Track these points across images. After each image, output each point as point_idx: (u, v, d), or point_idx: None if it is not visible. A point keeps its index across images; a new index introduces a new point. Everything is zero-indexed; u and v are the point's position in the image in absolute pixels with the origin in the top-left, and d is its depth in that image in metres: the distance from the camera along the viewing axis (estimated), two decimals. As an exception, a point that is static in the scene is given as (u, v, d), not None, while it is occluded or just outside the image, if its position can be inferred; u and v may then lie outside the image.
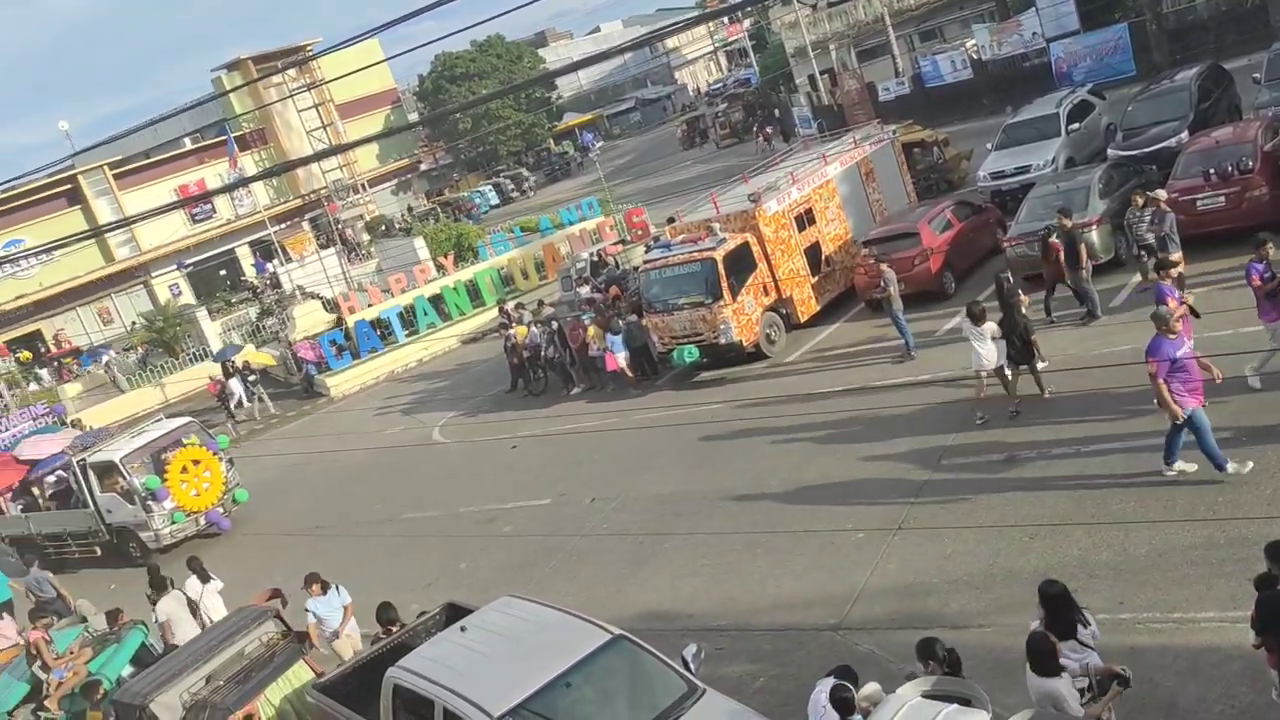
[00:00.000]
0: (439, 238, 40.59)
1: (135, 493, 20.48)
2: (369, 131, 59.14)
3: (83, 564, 22.03)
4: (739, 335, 19.72)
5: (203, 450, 21.06)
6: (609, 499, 16.40)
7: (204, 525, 21.03)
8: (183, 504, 20.62)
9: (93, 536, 21.51)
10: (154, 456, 20.97)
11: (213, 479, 21.00)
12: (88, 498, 21.14)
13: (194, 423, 22.28)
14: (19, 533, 22.67)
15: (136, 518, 20.69)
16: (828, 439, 15.46)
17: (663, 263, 20.49)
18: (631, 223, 34.36)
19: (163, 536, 20.58)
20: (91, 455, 21.19)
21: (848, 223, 22.10)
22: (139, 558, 20.58)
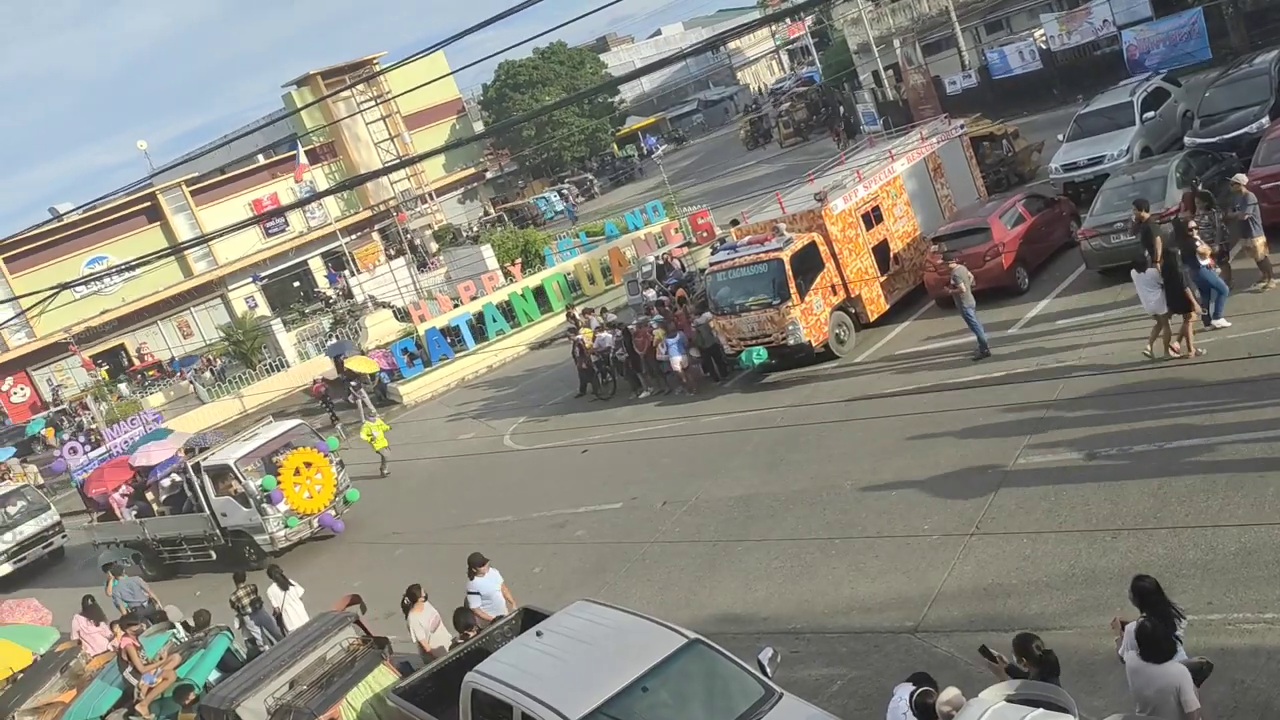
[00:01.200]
0: (506, 245, 40.96)
1: (250, 495, 20.38)
2: (435, 141, 60.10)
3: (197, 569, 22.29)
4: (808, 336, 19.60)
5: (314, 452, 20.92)
6: (680, 502, 16.39)
7: (317, 528, 20.95)
8: (296, 506, 20.51)
9: (208, 540, 21.49)
10: (265, 460, 20.92)
11: (324, 481, 20.85)
12: (203, 501, 21.07)
13: (304, 425, 22.19)
14: (134, 538, 22.80)
15: (251, 521, 20.57)
16: (901, 440, 15.27)
17: (729, 264, 20.44)
18: (697, 225, 34.34)
19: (277, 540, 20.48)
20: (206, 459, 21.14)
21: (916, 219, 21.85)
22: (254, 562, 20.58)
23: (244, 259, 53.79)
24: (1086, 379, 14.69)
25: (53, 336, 46.28)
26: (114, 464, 24.29)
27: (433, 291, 42.12)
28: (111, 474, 23.91)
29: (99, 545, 23.83)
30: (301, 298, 55.30)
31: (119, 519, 23.28)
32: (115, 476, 23.80)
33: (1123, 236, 17.63)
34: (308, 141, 55.51)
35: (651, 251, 32.15)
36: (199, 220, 53.52)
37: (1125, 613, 7.55)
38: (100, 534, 23.90)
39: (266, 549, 20.56)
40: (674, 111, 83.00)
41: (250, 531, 20.71)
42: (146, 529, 22.54)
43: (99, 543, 23.87)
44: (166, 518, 22.42)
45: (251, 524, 20.60)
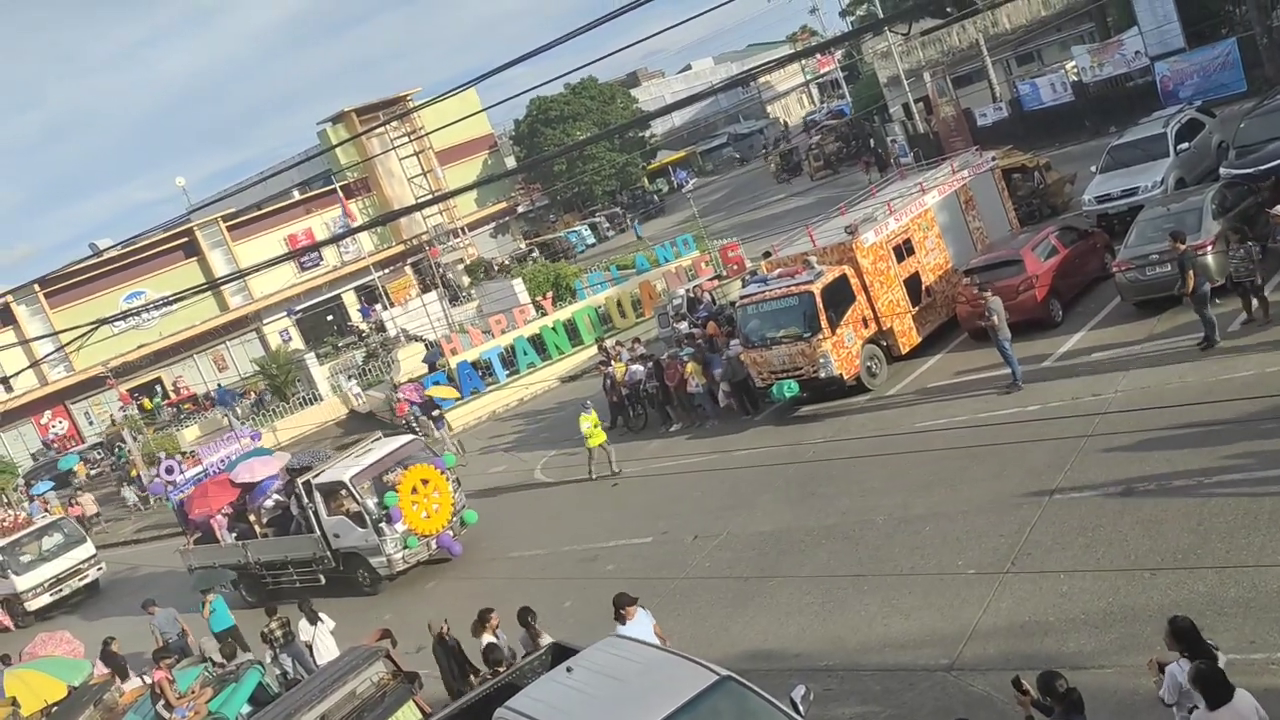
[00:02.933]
0: (537, 278, 41.21)
1: (368, 514, 18.99)
2: (468, 176, 60.72)
3: (302, 595, 20.53)
4: (839, 369, 19.53)
5: (431, 469, 19.48)
6: (711, 537, 16.33)
7: (435, 550, 19.55)
8: (414, 526, 19.08)
9: (318, 564, 20.11)
10: (376, 478, 19.62)
11: (442, 500, 19.43)
12: (313, 521, 19.73)
13: (418, 440, 20.93)
14: (235, 561, 21.52)
15: (367, 542, 19.15)
16: (934, 474, 15.16)
17: (760, 297, 20.44)
18: (727, 258, 34.39)
19: (395, 562, 19.09)
20: (317, 475, 19.68)
21: (948, 252, 21.77)
22: (366, 587, 19.59)
23: (279, 293, 54.48)
24: (1123, 413, 14.52)
25: (91, 370, 46.98)
26: (216, 482, 22.58)
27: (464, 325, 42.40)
28: (216, 493, 22.20)
29: (195, 570, 22.33)
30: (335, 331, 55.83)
31: (219, 541, 21.96)
32: (221, 496, 22.15)
33: (1158, 269, 17.49)
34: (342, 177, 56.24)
35: (682, 284, 32.22)
36: (235, 255, 54.28)
37: (1163, 653, 7.42)
38: (197, 557, 22.53)
39: (383, 572, 19.28)
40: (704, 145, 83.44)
41: (365, 554, 19.34)
42: (249, 552, 21.27)
43: (195, 567, 22.43)
44: (271, 540, 21.11)
45: (367, 545, 19.20)
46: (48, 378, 49.89)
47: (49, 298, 50.14)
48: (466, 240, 60.89)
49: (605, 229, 64.89)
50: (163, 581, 25.93)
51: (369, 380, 39.19)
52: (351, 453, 20.50)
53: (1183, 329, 16.57)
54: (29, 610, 27.36)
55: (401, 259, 59.88)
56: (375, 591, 18.71)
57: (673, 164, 78.97)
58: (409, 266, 60.07)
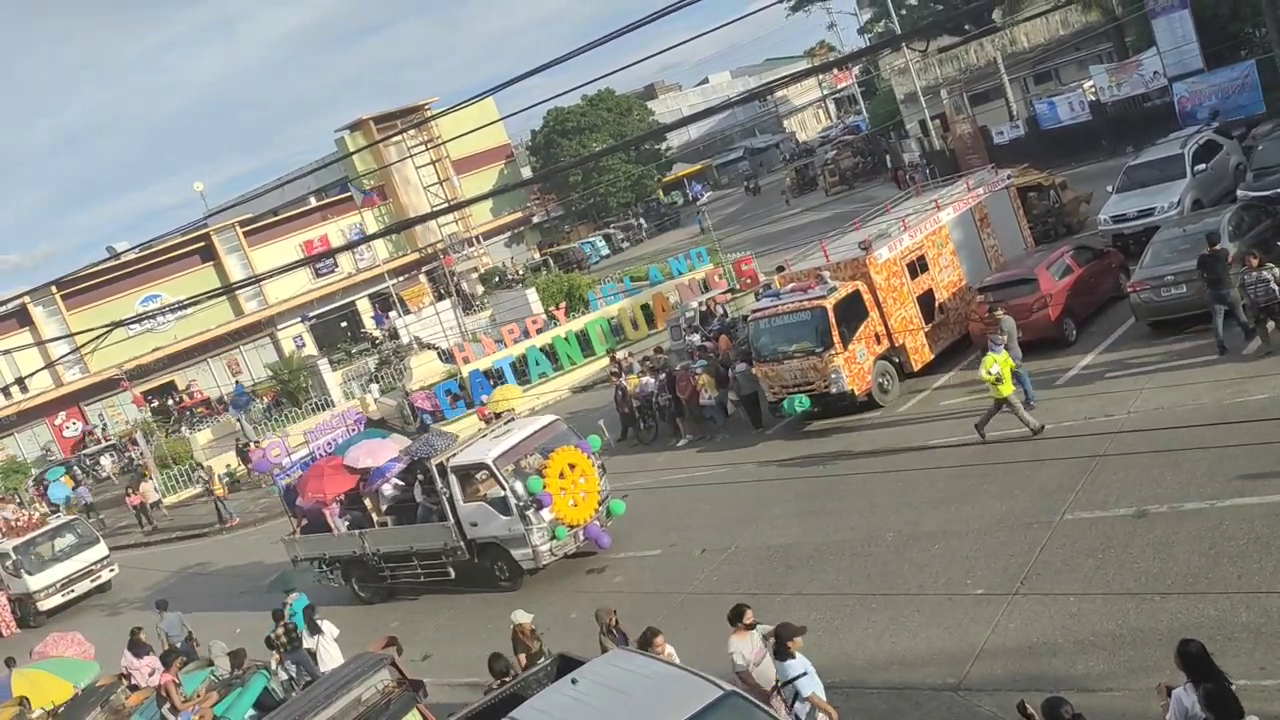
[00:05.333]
0: (550, 289, 41.28)
1: (514, 500, 17.24)
2: (483, 186, 60.96)
3: (427, 589, 19.25)
4: (851, 384, 19.50)
5: (577, 453, 17.89)
6: (719, 550, 16.30)
7: (582, 541, 17.88)
8: (562, 515, 17.40)
9: (448, 555, 18.36)
10: (518, 462, 18.10)
11: (589, 487, 17.82)
12: (446, 508, 18.06)
13: (559, 420, 19.24)
14: (348, 552, 19.83)
15: (510, 531, 17.42)
16: (944, 492, 15.11)
17: (772, 311, 20.44)
18: (740, 271, 34.36)
19: (541, 554, 17.35)
20: (453, 457, 18.12)
21: (962, 269, 21.74)
22: (504, 581, 17.97)
23: (293, 299, 54.71)
24: (1136, 434, 14.44)
25: (106, 372, 47.22)
26: (331, 464, 20.58)
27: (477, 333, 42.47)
28: (332, 476, 20.14)
29: (301, 562, 20.93)
30: (348, 338, 56.01)
31: (332, 530, 20.03)
32: (336, 480, 20.10)
33: (1173, 290, 17.41)
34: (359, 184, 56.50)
35: (695, 297, 32.22)
36: (251, 260, 54.56)
37: (1172, 677, 7.35)
38: (306, 548, 20.79)
39: (526, 565, 17.55)
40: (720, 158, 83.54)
41: (507, 544, 17.60)
42: (367, 541, 19.53)
43: (303, 558, 20.89)
44: (395, 529, 19.48)
45: (510, 535, 17.46)
46: (63, 379, 50.17)
47: (66, 299, 50.45)
48: (481, 249, 61.06)
49: (619, 240, 65.01)
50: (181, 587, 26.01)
51: (383, 388, 39.29)
52: (489, 433, 18.89)
53: (1197, 350, 16.47)
54: (41, 610, 27.44)
55: (416, 267, 60.07)
56: (514, 587, 17.45)
57: (688, 177, 79.09)
58: (423, 274, 60.25)
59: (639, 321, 34.81)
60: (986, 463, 15.35)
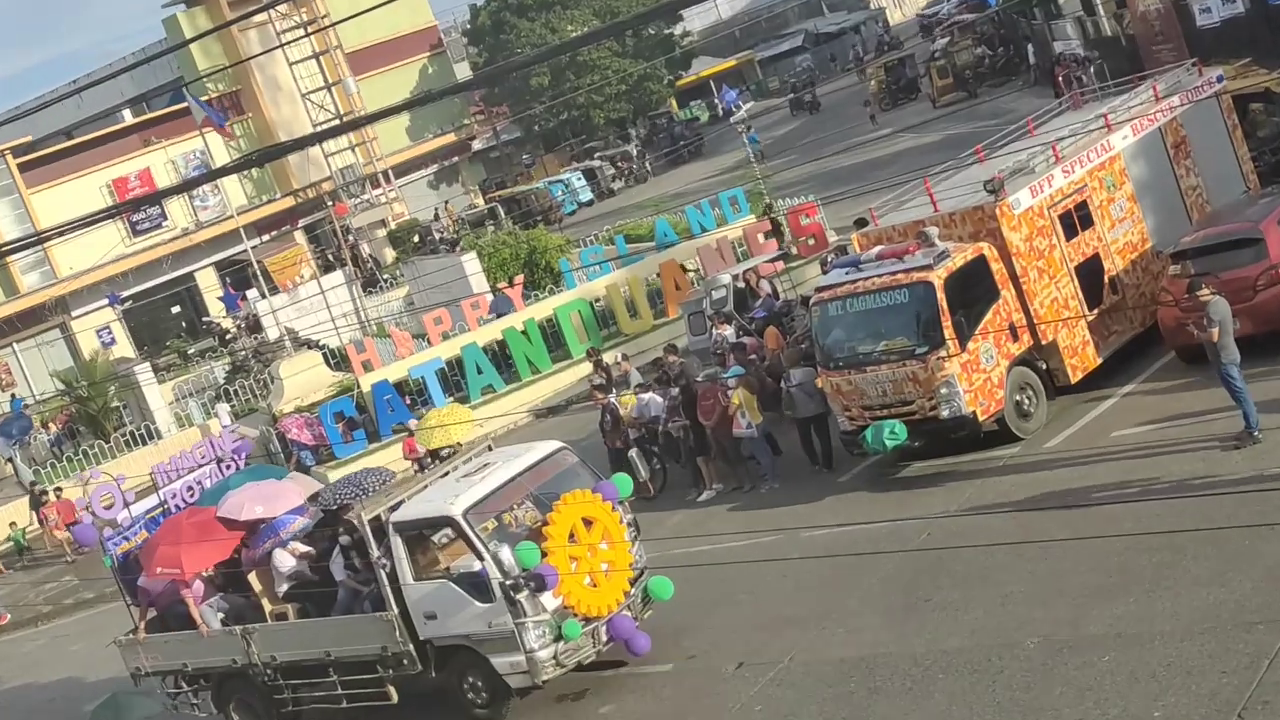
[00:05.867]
0: (501, 254, 41.27)
1: (495, 577, 16.69)
2: (396, 92, 61.08)
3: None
4: (971, 405, 19.53)
5: (594, 499, 17.49)
6: (764, 665, 16.29)
7: (605, 645, 17.40)
8: (575, 601, 16.84)
9: (389, 665, 17.91)
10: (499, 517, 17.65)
11: (616, 554, 17.33)
12: (385, 589, 17.61)
13: (566, 449, 19.04)
14: (224, 662, 19.47)
15: (492, 627, 16.88)
16: (1118, 574, 15.12)
17: (848, 290, 20.46)
18: (799, 227, 34.35)
19: (540, 664, 16.73)
20: (397, 509, 17.68)
21: (1145, 224, 21.83)
22: (480, 707, 17.60)
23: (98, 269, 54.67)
24: None
25: None
26: (195, 519, 20.12)
27: (385, 325, 42.35)
28: (197, 540, 19.55)
29: (143, 676, 20.49)
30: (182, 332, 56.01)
31: (195, 625, 19.59)
32: (203, 544, 19.54)
33: None
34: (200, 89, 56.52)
35: (727, 267, 32.27)
36: (30, 208, 54.56)
37: None
38: (156, 655, 20.33)
39: (516, 681, 17.11)
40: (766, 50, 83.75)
41: (485, 648, 17.14)
42: (255, 644, 19.07)
43: (150, 672, 20.43)
44: (301, 623, 19.13)
45: (491, 633, 16.97)
46: None
47: None
48: (392, 192, 61.15)
49: (609, 178, 65.06)
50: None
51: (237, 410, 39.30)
52: (452, 471, 18.60)
53: None
54: None
55: (290, 220, 60.15)
56: (494, 716, 17.44)
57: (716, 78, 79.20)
58: (301, 232, 60.34)
59: (639, 306, 34.81)
60: (1185, 528, 15.35)
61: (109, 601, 30.11)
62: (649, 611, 17.79)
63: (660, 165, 67.18)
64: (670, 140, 69.96)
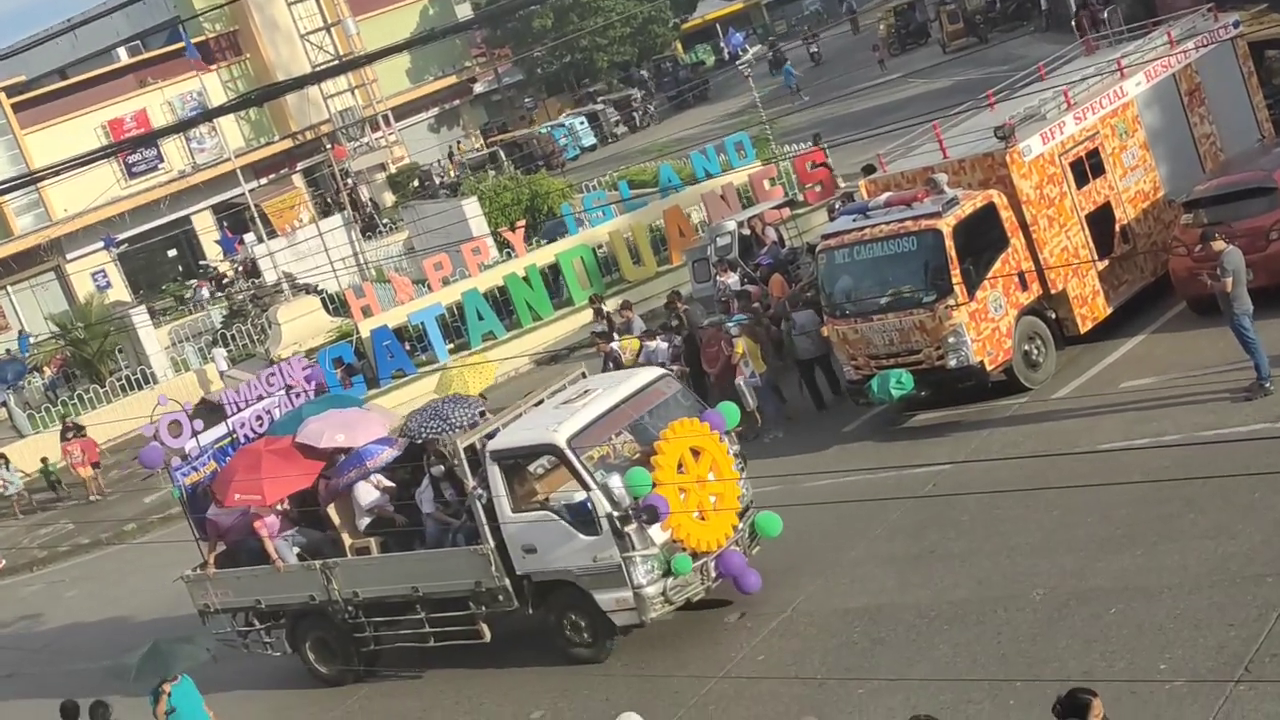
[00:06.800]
0: (502, 199, 41.19)
1: (606, 509, 16.16)
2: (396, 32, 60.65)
3: (440, 659, 18.50)
4: (979, 354, 19.52)
5: (702, 428, 16.90)
6: (767, 615, 16.39)
7: (714, 581, 16.94)
8: (685, 535, 16.32)
9: (483, 602, 17.46)
10: (609, 442, 17.24)
11: (725, 488, 16.81)
12: (480, 522, 17.11)
13: (670, 375, 18.59)
14: (301, 599, 18.99)
15: (597, 561, 16.40)
16: (1125, 525, 15.16)
17: (855, 237, 20.43)
18: (806, 173, 34.23)
19: (649, 601, 16.22)
20: (498, 438, 17.15)
21: (1158, 173, 21.77)
22: (580, 646, 17.16)
23: (93, 211, 54.52)
24: None
25: None
26: (274, 447, 19.58)
27: (384, 270, 42.33)
28: (276, 468, 19.00)
29: (213, 614, 20.06)
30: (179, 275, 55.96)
31: (273, 559, 19.11)
32: (282, 473, 19.00)
33: None
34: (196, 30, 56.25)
35: (732, 214, 32.16)
36: (24, 149, 54.38)
37: None
38: (227, 591, 19.93)
39: (622, 619, 16.60)
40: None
41: (589, 583, 16.62)
42: (335, 581, 18.64)
43: (215, 609, 20.02)
44: (387, 558, 18.66)
45: (596, 568, 16.46)
46: None
47: None
48: (392, 135, 60.93)
49: (612, 123, 64.80)
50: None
51: (234, 355, 39.34)
52: (551, 398, 18.03)
53: None
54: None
55: (288, 163, 59.95)
56: (597, 655, 16.89)
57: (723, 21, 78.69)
58: (299, 176, 60.15)
59: (642, 253, 34.77)
60: (1194, 481, 15.33)
61: (104, 547, 30.44)
62: (757, 548, 17.29)
63: (665, 110, 66.90)
64: (676, 84, 69.65)
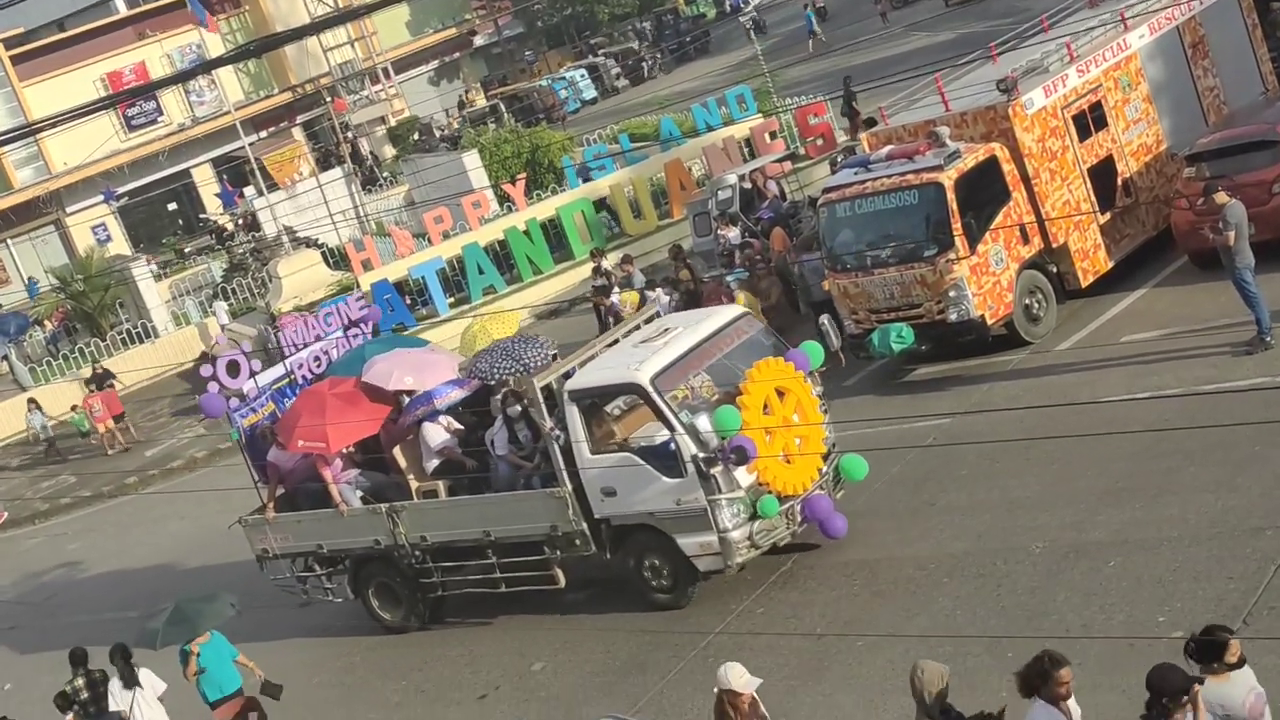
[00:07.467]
0: (503, 152, 41.08)
1: (692, 450, 15.67)
2: (396, -14, 60.45)
3: (509, 606, 18.13)
4: (980, 308, 19.51)
5: (785, 367, 16.32)
6: (765, 567, 16.38)
7: (799, 525, 16.46)
8: (771, 478, 15.83)
9: (559, 546, 17.04)
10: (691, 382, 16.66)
11: (809, 432, 16.29)
12: (557, 464, 16.66)
13: (750, 314, 18.28)
14: (366, 543, 18.53)
15: (681, 504, 15.94)
16: (1125, 478, 15.18)
17: (857, 191, 20.36)
18: (807, 126, 34.13)
19: (734, 545, 15.77)
20: (576, 377, 16.72)
21: (1160, 126, 21.70)
22: (661, 592, 16.72)
23: (92, 165, 54.36)
24: None
25: None
26: (338, 389, 19.05)
27: (385, 223, 42.24)
28: (341, 411, 18.54)
29: (272, 559, 19.82)
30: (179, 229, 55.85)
31: (335, 503, 18.72)
32: (348, 417, 18.58)
33: None
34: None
35: (733, 167, 32.09)
36: (23, 102, 54.18)
37: None
38: (282, 537, 19.52)
39: (706, 564, 16.19)
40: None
41: (671, 527, 16.16)
42: (402, 525, 18.16)
43: (275, 554, 19.72)
44: (457, 501, 18.21)
45: (679, 511, 15.99)
46: None
47: None
48: (391, 88, 60.69)
49: (613, 76, 64.54)
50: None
51: (235, 309, 39.31)
52: (626, 337, 17.59)
53: None
54: None
55: (288, 116, 59.73)
56: (678, 601, 16.49)
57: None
58: (299, 129, 59.94)
59: (643, 207, 34.71)
60: (1192, 435, 15.33)
61: (106, 500, 30.51)
62: (841, 491, 16.87)
63: (667, 64, 66.56)
64: (677, 35, 69.30)
